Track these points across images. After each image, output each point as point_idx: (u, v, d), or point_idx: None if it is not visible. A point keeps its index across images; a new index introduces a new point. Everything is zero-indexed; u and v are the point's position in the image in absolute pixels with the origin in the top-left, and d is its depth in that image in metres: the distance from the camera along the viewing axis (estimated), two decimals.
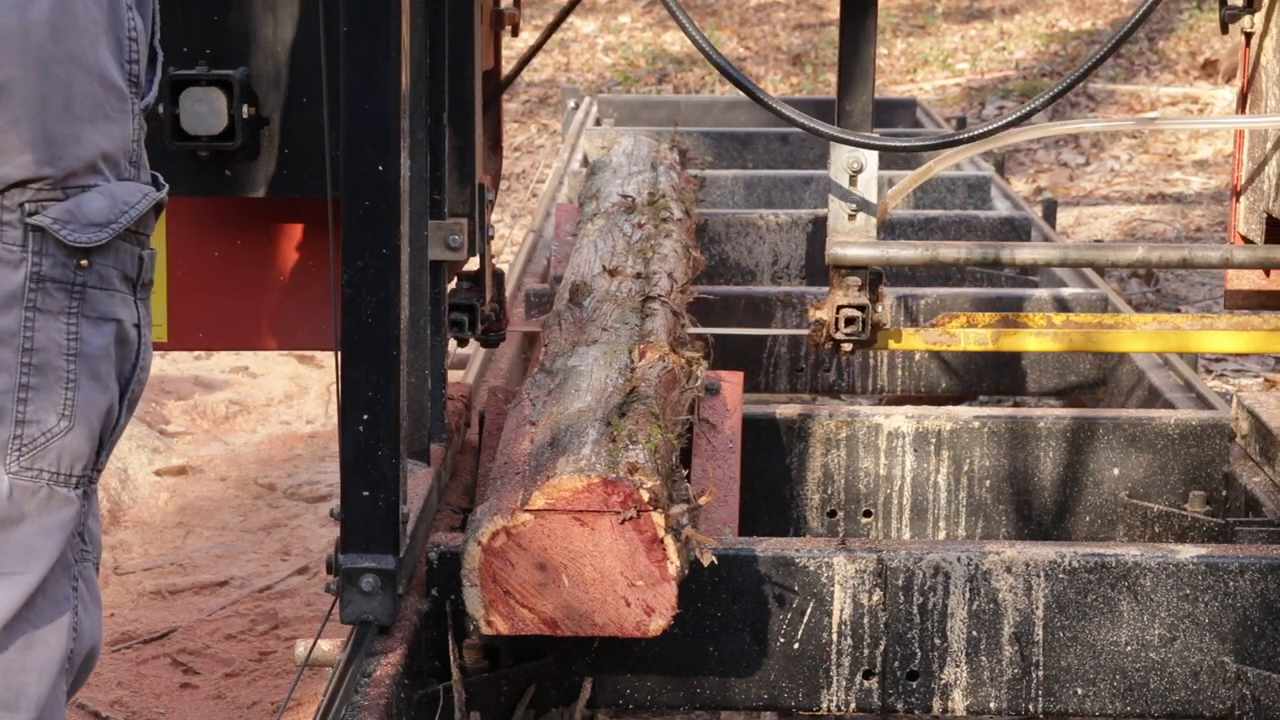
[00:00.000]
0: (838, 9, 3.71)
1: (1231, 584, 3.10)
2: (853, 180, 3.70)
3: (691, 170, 5.44)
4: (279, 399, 6.22)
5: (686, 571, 2.82)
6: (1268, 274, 3.88)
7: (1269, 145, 3.65)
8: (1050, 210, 6.37)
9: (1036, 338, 3.81)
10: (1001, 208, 6.33)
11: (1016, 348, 3.86)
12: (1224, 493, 3.90)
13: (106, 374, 2.02)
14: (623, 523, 2.73)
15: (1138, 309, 6.47)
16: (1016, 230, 5.90)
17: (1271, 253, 3.65)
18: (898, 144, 3.78)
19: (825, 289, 3.97)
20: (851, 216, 3.72)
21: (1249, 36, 3.71)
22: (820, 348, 3.77)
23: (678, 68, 12.14)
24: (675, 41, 12.63)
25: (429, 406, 3.40)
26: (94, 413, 2.01)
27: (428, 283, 3.36)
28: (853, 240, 3.72)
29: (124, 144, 2.04)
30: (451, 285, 3.66)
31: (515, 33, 4.41)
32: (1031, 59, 11.90)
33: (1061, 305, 5.00)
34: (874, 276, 3.74)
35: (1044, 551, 3.13)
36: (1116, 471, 3.94)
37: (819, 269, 5.70)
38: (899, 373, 4.98)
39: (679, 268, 4.09)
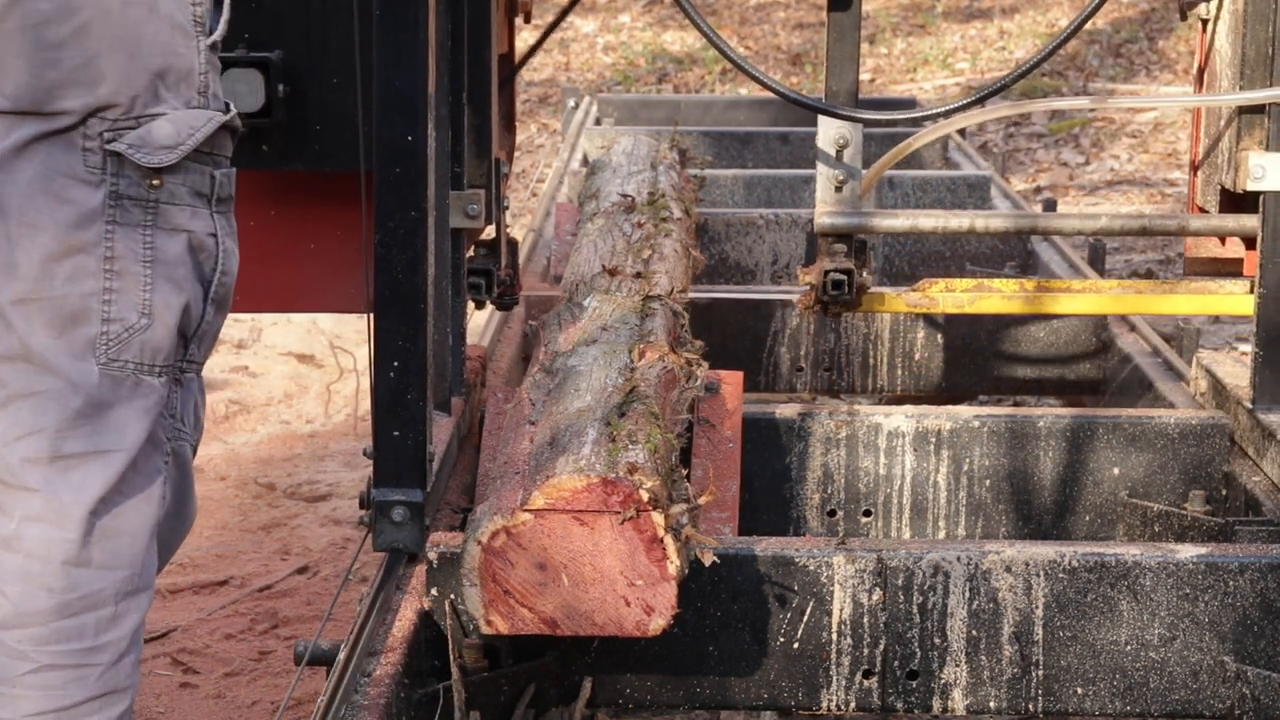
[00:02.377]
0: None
1: (1231, 583, 3.10)
2: (839, 154, 4.01)
3: (691, 170, 5.43)
4: (279, 399, 6.22)
5: (686, 571, 2.82)
6: (1224, 242, 4.19)
7: (1222, 123, 3.96)
8: (1050, 210, 6.36)
9: (1008, 300, 4.13)
10: (1002, 207, 6.33)
11: (991, 310, 4.19)
12: (1224, 492, 3.90)
13: (182, 277, 2.29)
14: (622, 523, 2.73)
15: None
16: (1017, 229, 5.88)
17: (1224, 221, 3.99)
18: (879, 116, 4.23)
19: None
20: (838, 188, 4.03)
21: (1205, 23, 4.08)
22: (809, 311, 4.09)
23: (678, 67, 12.14)
24: (675, 41, 12.63)
25: (450, 363, 3.71)
26: (170, 311, 2.28)
27: (449, 248, 3.66)
28: (839, 210, 4.03)
29: (190, 77, 2.30)
30: (469, 252, 3.97)
31: (527, 19, 4.70)
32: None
33: None
34: (859, 244, 4.05)
35: (1044, 551, 3.13)
36: (1116, 471, 3.94)
37: None
38: (899, 372, 4.98)
39: (679, 267, 4.10)
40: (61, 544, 2.25)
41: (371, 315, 3.10)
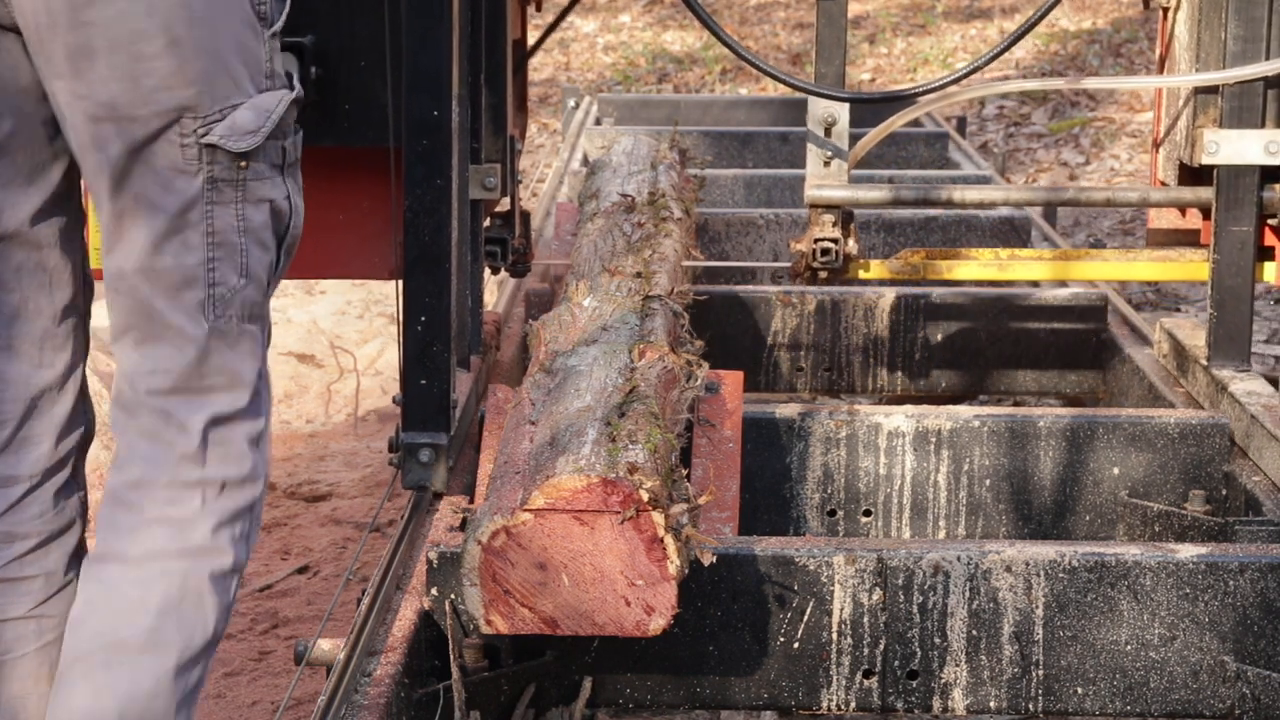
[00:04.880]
0: None
1: (1231, 583, 3.10)
2: (827, 132, 4.32)
3: (691, 170, 5.43)
4: (279, 399, 6.22)
5: (686, 571, 2.82)
6: (1183, 213, 4.59)
7: (1181, 103, 4.31)
8: (1049, 210, 6.36)
9: (984, 268, 4.47)
10: (1002, 207, 6.32)
11: (965, 277, 4.52)
12: (1224, 492, 3.90)
13: (267, 239, 2.61)
14: (622, 522, 2.73)
15: (1138, 308, 6.47)
16: (1016, 229, 5.90)
17: (1182, 194, 4.34)
18: (865, 96, 4.70)
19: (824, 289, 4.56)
20: (826, 164, 4.34)
21: (1165, 11, 4.46)
22: (800, 277, 4.39)
23: (678, 67, 12.15)
24: (675, 41, 12.64)
25: (469, 324, 4.04)
26: (262, 269, 2.60)
27: (468, 218, 3.95)
28: (827, 183, 4.34)
29: (260, 66, 2.56)
30: (486, 223, 4.27)
31: (539, 8, 5.05)
32: (1032, 59, 11.91)
33: (1063, 303, 5.00)
34: (846, 215, 4.37)
35: (1044, 551, 3.13)
36: (1116, 471, 3.94)
37: None
38: (899, 372, 4.98)
39: (679, 267, 4.10)
40: (182, 442, 2.54)
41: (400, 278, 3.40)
